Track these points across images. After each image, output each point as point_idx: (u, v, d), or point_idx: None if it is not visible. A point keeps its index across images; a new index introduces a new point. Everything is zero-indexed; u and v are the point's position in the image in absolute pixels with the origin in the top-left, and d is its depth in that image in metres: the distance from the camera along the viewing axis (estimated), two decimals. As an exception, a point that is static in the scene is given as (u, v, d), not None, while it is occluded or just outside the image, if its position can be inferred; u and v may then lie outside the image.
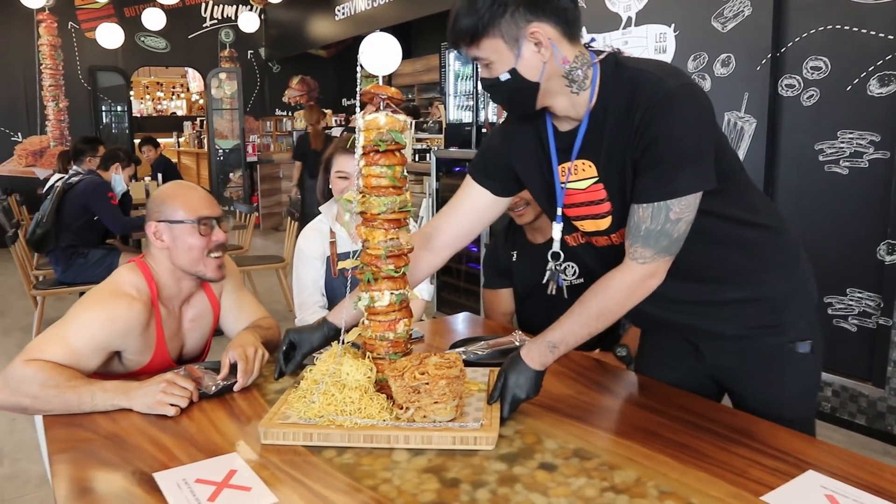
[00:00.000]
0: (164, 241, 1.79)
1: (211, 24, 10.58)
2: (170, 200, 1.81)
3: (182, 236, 1.79)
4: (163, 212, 1.80)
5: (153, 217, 1.81)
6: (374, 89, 1.43)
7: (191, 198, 1.82)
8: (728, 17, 3.74)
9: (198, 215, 1.80)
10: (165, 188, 1.88)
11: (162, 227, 1.79)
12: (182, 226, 1.79)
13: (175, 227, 1.79)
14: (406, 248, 1.48)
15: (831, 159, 3.41)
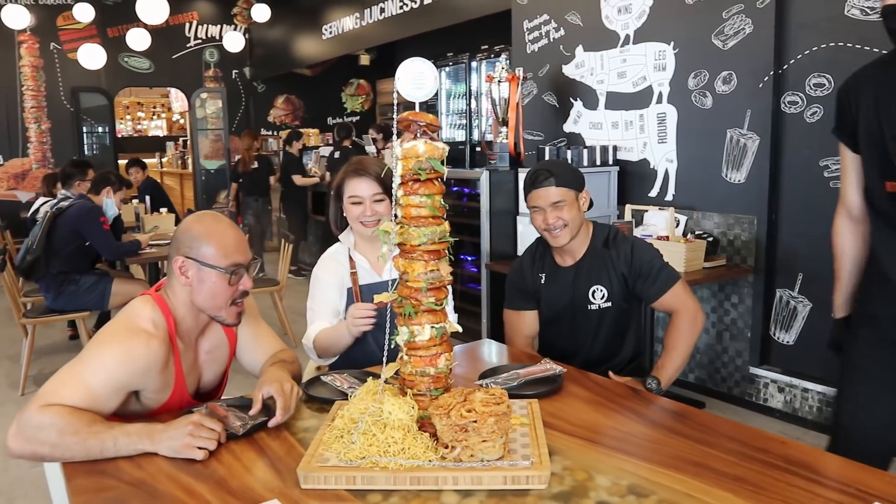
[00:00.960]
0: (189, 278, 1.71)
1: (195, 43, 10.49)
2: (204, 238, 1.70)
3: (209, 280, 1.70)
4: (193, 248, 1.70)
5: (181, 251, 1.71)
6: (412, 116, 1.38)
7: (226, 240, 1.72)
8: (729, 35, 3.75)
9: (231, 262, 1.71)
10: (198, 221, 1.76)
11: (190, 264, 1.71)
12: (212, 271, 1.70)
13: (204, 270, 1.70)
14: (447, 280, 1.43)
15: (836, 176, 3.41)
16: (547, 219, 2.23)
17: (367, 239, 2.33)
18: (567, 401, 1.78)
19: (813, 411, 3.57)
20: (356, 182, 2.28)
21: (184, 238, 1.73)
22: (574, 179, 2.29)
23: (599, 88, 4.53)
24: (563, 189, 2.22)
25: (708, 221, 3.96)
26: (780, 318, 3.74)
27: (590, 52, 4.56)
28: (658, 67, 4.14)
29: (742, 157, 3.77)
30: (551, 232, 2.25)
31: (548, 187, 2.22)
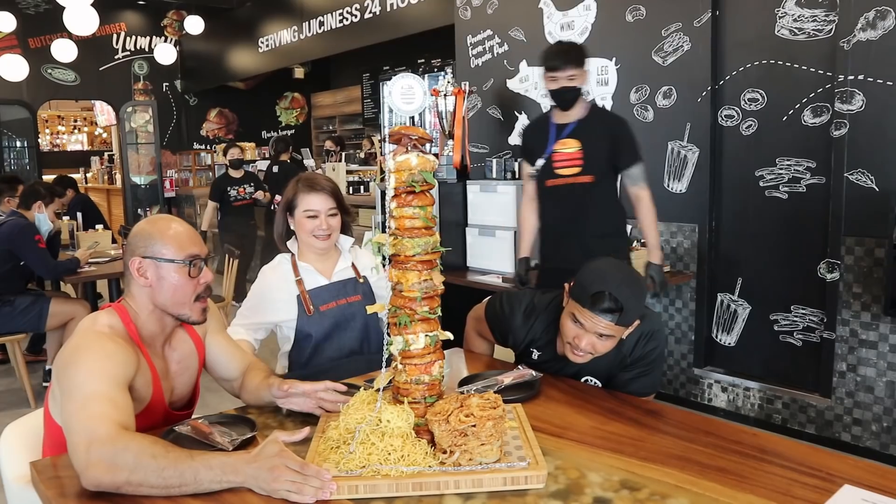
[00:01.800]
0: (148, 278, 1.69)
1: (124, 55, 10.21)
2: (158, 236, 1.70)
3: (169, 276, 1.69)
4: (149, 247, 1.69)
5: (137, 252, 1.70)
6: (404, 130, 1.42)
7: (179, 234, 1.72)
8: (668, 52, 3.93)
9: (187, 253, 1.70)
10: (150, 222, 1.76)
11: (147, 263, 1.69)
12: (170, 265, 1.68)
13: (162, 266, 1.68)
14: (439, 289, 1.46)
15: (771, 185, 3.62)
16: (579, 340, 1.86)
17: (315, 249, 2.37)
18: (547, 404, 1.83)
19: (755, 409, 3.75)
20: (312, 197, 2.32)
21: (137, 240, 1.72)
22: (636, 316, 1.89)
23: (544, 102, 4.65)
24: (621, 328, 1.85)
25: (651, 230, 4.12)
26: (721, 321, 3.92)
27: (534, 66, 4.68)
28: (601, 82, 4.29)
29: (683, 168, 3.94)
30: (574, 352, 1.90)
31: (604, 318, 1.81)
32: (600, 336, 1.84)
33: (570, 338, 1.88)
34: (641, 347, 2.00)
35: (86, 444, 1.38)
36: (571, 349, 1.90)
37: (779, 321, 3.67)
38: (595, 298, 1.79)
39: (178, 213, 10.27)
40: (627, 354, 2.00)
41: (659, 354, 2.04)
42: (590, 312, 1.81)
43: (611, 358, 1.98)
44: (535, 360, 2.10)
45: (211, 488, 1.36)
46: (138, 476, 1.35)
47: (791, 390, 3.61)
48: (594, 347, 1.86)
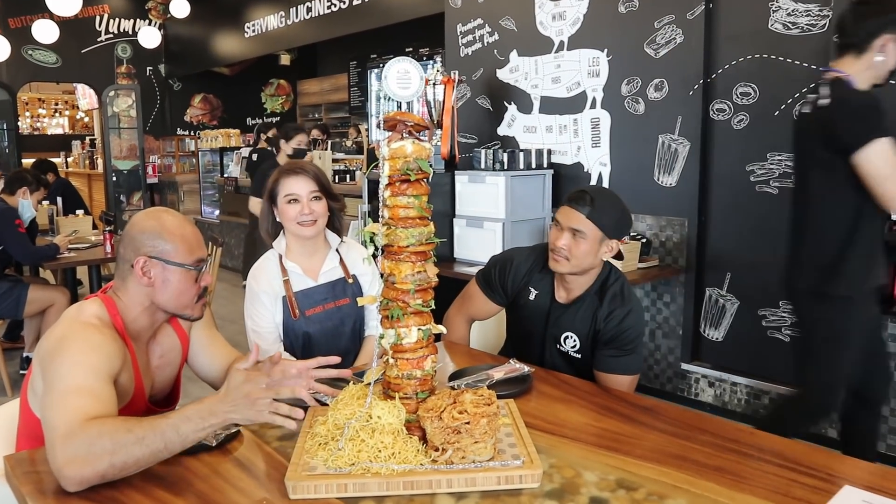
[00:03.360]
0: (152, 278, 1.63)
1: (107, 38, 10.02)
2: (167, 236, 1.63)
3: (175, 279, 1.64)
4: (156, 247, 1.63)
5: (143, 250, 1.63)
6: (399, 116, 1.37)
7: (188, 236, 1.66)
8: (660, 44, 3.89)
9: (196, 258, 1.65)
10: (154, 218, 1.67)
11: (153, 263, 1.63)
12: (179, 269, 1.63)
13: (170, 268, 1.63)
14: (433, 282, 1.42)
15: (762, 179, 3.60)
16: (558, 239, 2.00)
17: (302, 242, 2.30)
18: (540, 400, 1.80)
19: (741, 404, 3.75)
20: (292, 180, 2.25)
21: (144, 238, 1.65)
22: (612, 224, 2.01)
23: (534, 93, 4.61)
24: (592, 225, 1.96)
25: (641, 223, 4.10)
26: (709, 316, 3.91)
27: (524, 56, 4.63)
28: (592, 73, 4.25)
29: (673, 162, 3.92)
30: (554, 253, 2.02)
31: (578, 212, 1.98)
32: (574, 234, 1.98)
33: (551, 244, 2.04)
34: (618, 319, 2.04)
35: (61, 441, 1.32)
36: (552, 252, 2.04)
37: (767, 317, 3.66)
38: (571, 195, 2.04)
39: (161, 200, 10.14)
40: (603, 319, 2.05)
41: (637, 335, 2.06)
42: (566, 207, 2.02)
43: (587, 316, 2.09)
44: (530, 300, 2.19)
45: (197, 438, 1.36)
46: (120, 456, 1.30)
47: (778, 386, 3.61)
48: (570, 249, 1.99)
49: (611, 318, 2.04)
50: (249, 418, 1.35)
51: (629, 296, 2.08)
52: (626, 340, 2.03)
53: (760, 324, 3.69)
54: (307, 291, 2.31)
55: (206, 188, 9.41)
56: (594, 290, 2.09)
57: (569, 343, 2.13)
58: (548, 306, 2.16)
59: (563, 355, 2.16)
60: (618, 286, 2.09)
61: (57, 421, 1.37)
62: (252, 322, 2.32)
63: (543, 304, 2.16)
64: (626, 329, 2.03)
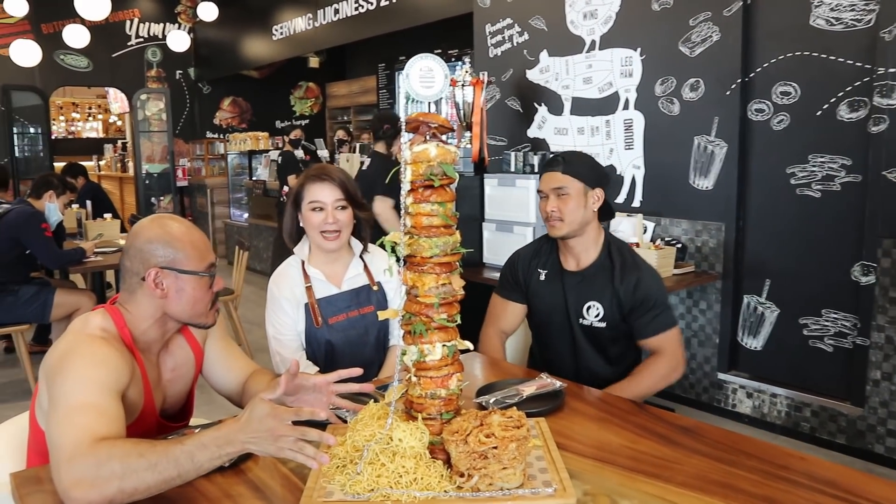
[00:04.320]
0: (165, 289, 1.57)
1: (137, 42, 10.10)
2: (177, 244, 1.57)
3: (189, 287, 1.57)
4: (166, 257, 1.56)
5: (153, 262, 1.56)
6: (422, 117, 1.28)
7: (197, 242, 1.60)
8: (696, 42, 3.76)
9: (206, 263, 1.60)
10: (159, 227, 1.60)
11: (166, 273, 1.56)
12: (192, 277, 1.57)
13: (183, 277, 1.57)
14: (459, 295, 1.32)
15: (803, 183, 3.45)
16: (546, 207, 2.14)
17: (325, 251, 2.21)
18: (572, 418, 1.69)
19: (781, 416, 3.60)
20: (318, 187, 2.16)
21: (150, 248, 1.57)
22: (587, 173, 2.16)
23: (565, 94, 4.49)
24: (569, 178, 2.12)
25: (675, 228, 3.96)
26: (747, 324, 3.76)
27: (555, 56, 4.52)
28: (624, 73, 4.13)
29: (709, 164, 3.78)
30: (549, 221, 2.15)
31: (554, 172, 2.14)
32: (558, 195, 2.12)
33: (543, 215, 2.18)
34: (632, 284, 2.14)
35: (66, 461, 1.25)
36: (547, 222, 2.17)
37: (808, 325, 3.50)
38: (545, 162, 2.29)
39: (191, 203, 10.20)
40: (619, 283, 2.15)
41: (659, 293, 2.16)
42: (543, 175, 2.19)
43: (604, 281, 2.18)
44: (542, 281, 2.28)
45: (212, 466, 1.28)
46: (130, 481, 1.22)
47: (820, 398, 3.45)
48: (559, 209, 2.11)
49: (626, 282, 2.14)
50: (269, 453, 1.27)
51: (639, 261, 2.20)
52: (650, 304, 2.13)
53: (802, 333, 3.53)
54: (330, 299, 2.23)
55: (235, 191, 9.43)
56: (603, 256, 2.20)
57: (592, 313, 2.19)
58: (560, 277, 2.24)
59: (588, 333, 2.21)
60: (626, 252, 2.22)
61: (63, 440, 1.30)
62: (273, 329, 2.25)
63: (555, 277, 2.25)
64: (646, 292, 2.13)
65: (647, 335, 2.15)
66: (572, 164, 2.14)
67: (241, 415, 1.32)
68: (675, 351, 2.14)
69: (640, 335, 2.17)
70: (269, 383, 1.72)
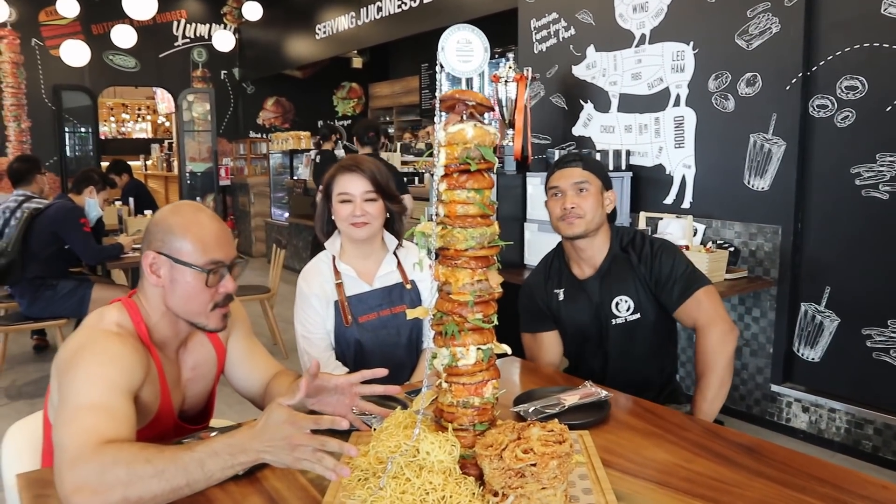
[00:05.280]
0: (161, 277, 1.47)
1: (183, 43, 10.21)
2: (179, 231, 1.46)
3: (183, 280, 1.46)
4: (166, 242, 1.46)
5: (153, 245, 1.47)
6: (458, 94, 1.15)
7: (204, 233, 1.47)
8: (754, 35, 3.55)
9: (209, 259, 1.46)
10: (175, 212, 1.51)
11: (162, 260, 1.46)
12: (188, 269, 1.45)
13: (178, 268, 1.46)
14: (496, 293, 1.19)
15: (869, 183, 3.22)
16: (565, 202, 2.02)
17: (357, 244, 2.14)
18: (619, 432, 1.54)
19: (840, 433, 3.36)
20: (347, 178, 2.09)
21: (156, 231, 1.48)
22: (602, 172, 2.12)
23: (612, 90, 4.32)
24: (590, 174, 2.05)
25: (728, 230, 3.76)
26: (804, 334, 3.53)
27: (602, 52, 4.35)
28: (676, 68, 3.94)
29: (766, 164, 3.57)
30: (566, 219, 2.03)
31: (572, 168, 2.06)
32: (579, 190, 2.03)
33: (557, 213, 2.05)
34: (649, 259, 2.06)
35: (69, 464, 1.16)
36: (563, 222, 2.04)
37: (872, 336, 3.26)
38: (558, 160, 2.11)
39: (233, 202, 10.25)
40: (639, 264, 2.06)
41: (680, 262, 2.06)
42: (559, 171, 2.07)
43: (625, 270, 2.08)
44: (563, 301, 2.16)
45: (224, 476, 1.20)
46: (136, 489, 1.13)
47: (885, 415, 3.21)
48: (579, 205, 2.00)
49: (644, 262, 2.06)
50: (286, 464, 1.19)
51: (648, 238, 2.11)
52: (677, 274, 2.03)
53: (864, 344, 3.29)
54: (361, 296, 2.13)
55: (276, 190, 9.45)
56: (615, 248, 2.11)
57: (623, 308, 2.08)
58: (580, 289, 2.13)
59: (624, 331, 2.09)
60: (635, 235, 2.13)
61: (67, 441, 1.21)
62: (302, 328, 2.15)
63: (575, 291, 2.14)
64: (662, 261, 2.04)
65: (678, 304, 2.02)
66: (590, 162, 2.10)
67: (257, 421, 1.23)
68: (712, 313, 1.99)
69: (672, 307, 2.05)
70: (290, 386, 1.62)
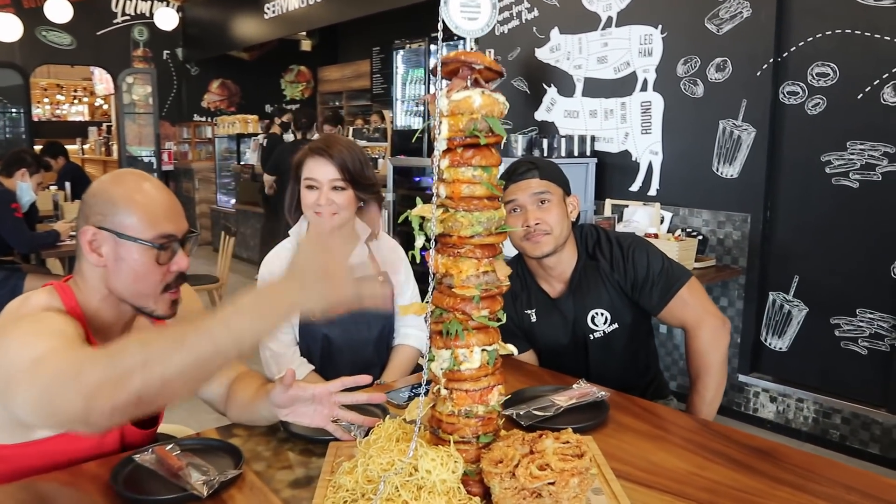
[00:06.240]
0: (103, 255, 1.27)
1: (123, 20, 9.70)
2: (122, 203, 1.27)
3: (130, 257, 1.26)
4: (108, 215, 1.26)
5: (91, 220, 1.27)
6: (463, 56, 0.99)
7: (152, 204, 1.28)
8: (724, 19, 3.48)
9: (159, 232, 1.27)
10: (116, 182, 1.31)
11: (104, 236, 1.26)
12: (134, 245, 1.26)
13: (123, 244, 1.26)
14: (504, 286, 1.04)
15: (839, 172, 3.18)
16: (527, 218, 1.78)
17: (320, 230, 1.95)
18: (621, 435, 1.42)
19: (808, 423, 3.35)
20: (314, 163, 1.91)
21: (95, 203, 1.28)
22: (561, 178, 1.88)
23: (576, 74, 4.21)
24: (549, 183, 1.81)
25: (696, 218, 3.70)
26: (772, 323, 3.50)
27: (567, 34, 4.23)
28: (643, 52, 3.85)
29: (735, 151, 3.51)
30: (531, 238, 1.80)
31: (528, 179, 1.80)
32: (539, 202, 1.80)
33: (520, 232, 1.81)
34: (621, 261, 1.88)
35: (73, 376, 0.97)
36: (527, 238, 1.82)
37: (841, 326, 3.25)
38: (511, 170, 1.83)
39: (177, 188, 9.84)
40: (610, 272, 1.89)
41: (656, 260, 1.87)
42: (514, 185, 1.82)
43: (596, 282, 1.90)
44: (536, 322, 1.96)
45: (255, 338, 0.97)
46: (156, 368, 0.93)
47: (852, 404, 3.20)
48: (543, 219, 1.79)
49: (617, 267, 1.89)
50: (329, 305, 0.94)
51: (617, 237, 1.94)
52: (654, 274, 1.85)
53: (833, 333, 3.27)
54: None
55: (223, 176, 9.11)
56: (583, 256, 1.92)
57: (600, 321, 1.91)
58: (553, 308, 1.94)
59: (603, 344, 1.92)
60: (599, 236, 1.94)
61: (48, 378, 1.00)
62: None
63: (547, 311, 1.94)
64: (637, 262, 1.87)
65: (661, 307, 1.85)
66: (546, 169, 1.84)
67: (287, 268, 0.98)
68: (701, 313, 1.83)
69: (654, 311, 1.88)
70: (258, 388, 1.44)
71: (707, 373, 1.84)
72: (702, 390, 1.84)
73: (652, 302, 1.87)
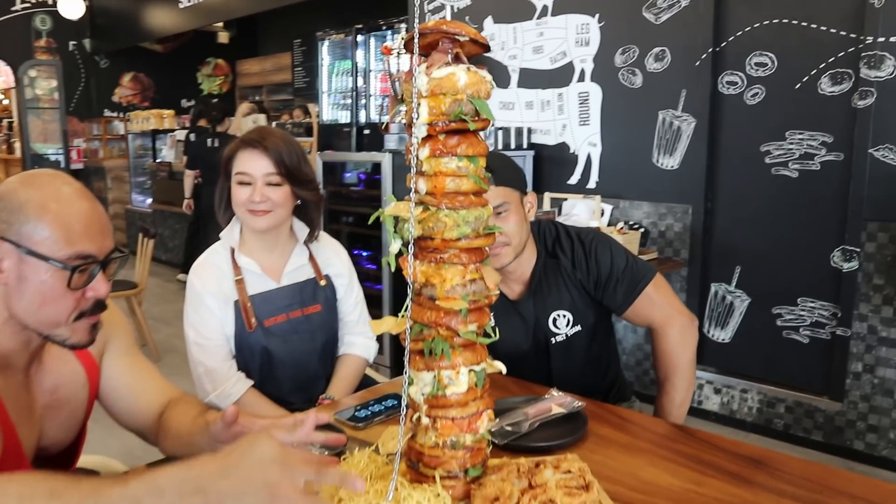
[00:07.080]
0: (4, 271, 1.06)
1: (23, 7, 9.04)
2: (33, 211, 1.05)
3: (36, 278, 1.05)
4: (14, 224, 1.05)
5: None
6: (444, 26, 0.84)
7: (69, 215, 1.07)
8: (662, 8, 3.44)
9: (74, 251, 1.06)
10: (26, 183, 1.09)
11: (7, 249, 1.05)
12: (43, 264, 1.05)
13: (29, 262, 1.05)
14: (493, 296, 0.90)
15: (779, 161, 3.19)
16: None
17: (259, 235, 1.80)
18: (603, 450, 1.30)
19: (753, 413, 3.36)
20: (247, 156, 1.73)
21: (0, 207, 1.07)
22: (516, 177, 1.74)
23: (512, 65, 4.11)
24: (506, 189, 1.65)
25: (636, 211, 3.66)
26: (715, 315, 3.50)
27: (501, 24, 4.13)
28: (580, 42, 3.78)
29: (675, 142, 3.48)
30: (490, 249, 1.64)
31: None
32: (496, 213, 1.63)
33: None
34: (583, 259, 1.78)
35: None
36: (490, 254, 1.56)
37: (782, 315, 3.27)
38: None
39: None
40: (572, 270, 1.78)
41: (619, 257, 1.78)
42: None
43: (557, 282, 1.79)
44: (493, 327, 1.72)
45: None
46: None
47: (795, 392, 3.22)
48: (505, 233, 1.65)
49: (578, 264, 1.78)
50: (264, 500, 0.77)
51: (577, 232, 1.83)
52: (618, 272, 1.76)
53: (775, 323, 3.29)
54: (267, 295, 1.78)
55: (137, 174, 8.62)
56: (542, 256, 1.80)
57: (561, 324, 1.80)
58: (512, 309, 1.81)
59: (566, 347, 1.81)
60: (558, 232, 1.83)
61: None
62: (195, 333, 1.77)
63: (506, 314, 1.79)
64: (605, 263, 1.77)
65: (625, 306, 1.75)
66: (499, 171, 1.64)
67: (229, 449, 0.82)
68: (668, 311, 1.75)
69: (619, 310, 1.78)
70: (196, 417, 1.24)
71: (676, 373, 1.75)
72: (671, 392, 1.75)
73: (617, 301, 1.76)
